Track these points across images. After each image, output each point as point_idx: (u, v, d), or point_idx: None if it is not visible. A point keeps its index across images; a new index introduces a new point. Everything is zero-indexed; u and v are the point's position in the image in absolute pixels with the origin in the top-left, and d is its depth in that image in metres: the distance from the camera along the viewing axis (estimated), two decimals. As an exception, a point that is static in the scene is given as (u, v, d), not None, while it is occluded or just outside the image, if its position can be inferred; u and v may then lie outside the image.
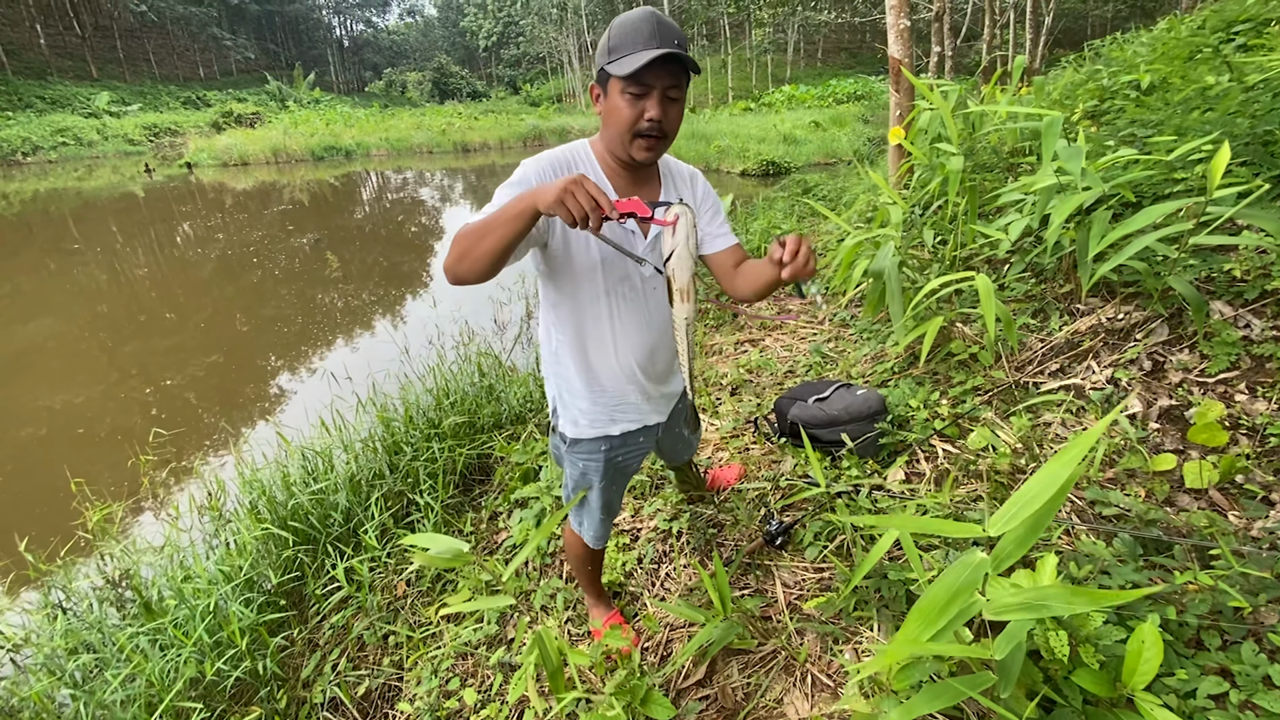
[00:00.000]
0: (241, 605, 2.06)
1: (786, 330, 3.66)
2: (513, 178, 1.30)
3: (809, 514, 2.00)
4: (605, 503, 1.67)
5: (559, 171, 1.32)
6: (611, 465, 1.61)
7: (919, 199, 3.78)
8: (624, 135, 1.27)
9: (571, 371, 1.51)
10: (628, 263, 1.39)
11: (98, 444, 4.29)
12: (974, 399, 2.40)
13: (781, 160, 13.75)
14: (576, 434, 1.56)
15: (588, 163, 1.36)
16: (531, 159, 1.32)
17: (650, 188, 1.42)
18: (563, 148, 1.37)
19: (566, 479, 1.68)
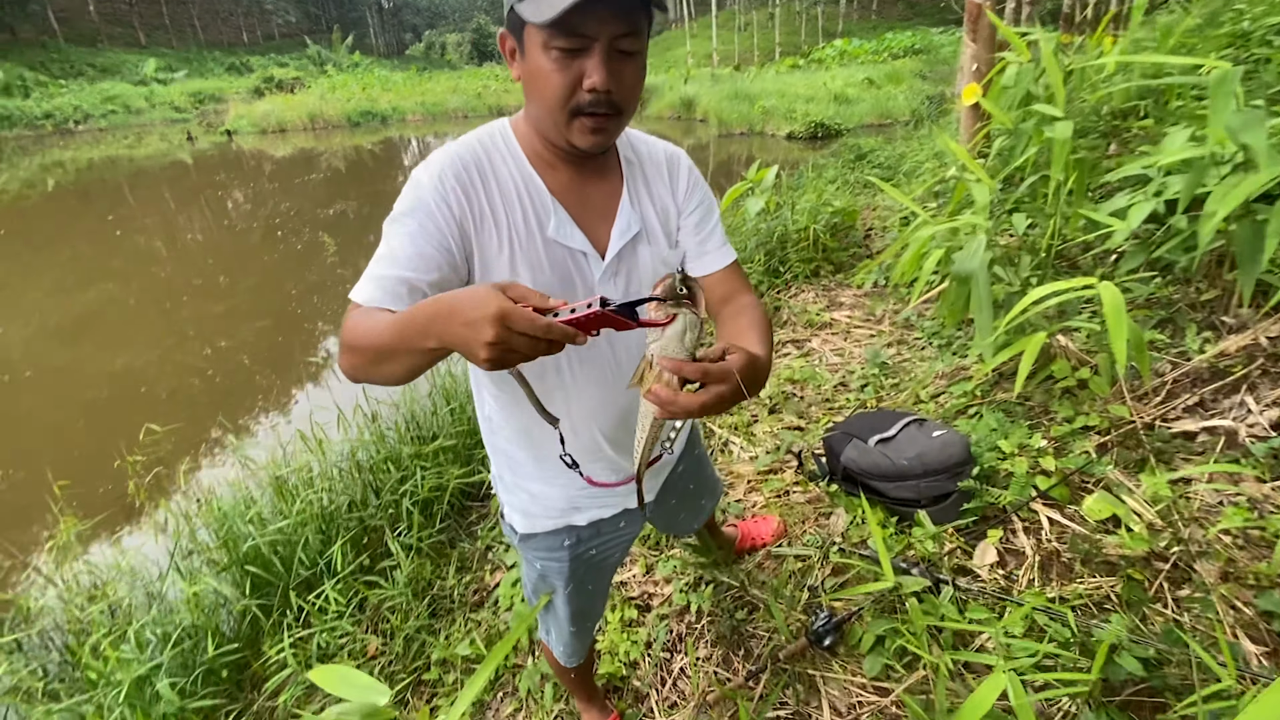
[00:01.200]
0: (178, 677, 1.72)
1: (838, 330, 3.12)
2: (403, 203, 0.87)
3: (869, 607, 1.53)
4: (576, 611, 1.24)
5: (467, 184, 0.88)
6: (581, 563, 1.18)
7: (1003, 174, 3.15)
8: (556, 113, 0.83)
9: (513, 445, 1.07)
10: (587, 293, 0.95)
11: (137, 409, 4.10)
12: (1085, 443, 1.86)
13: (831, 122, 12.79)
14: (529, 528, 1.13)
15: (508, 156, 0.92)
16: (428, 165, 0.88)
17: (605, 183, 0.98)
18: (471, 138, 0.93)
19: (524, 579, 1.25)
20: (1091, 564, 1.50)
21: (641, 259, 0.99)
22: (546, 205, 0.91)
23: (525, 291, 0.63)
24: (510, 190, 0.90)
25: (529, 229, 0.90)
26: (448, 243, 0.85)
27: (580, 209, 0.94)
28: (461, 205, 0.86)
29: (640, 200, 1.00)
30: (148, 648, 1.82)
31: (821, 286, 3.62)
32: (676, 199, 1.04)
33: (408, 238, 0.84)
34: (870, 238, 4.23)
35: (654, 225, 1.01)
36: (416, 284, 0.83)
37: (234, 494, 2.45)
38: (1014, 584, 1.53)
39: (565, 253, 0.92)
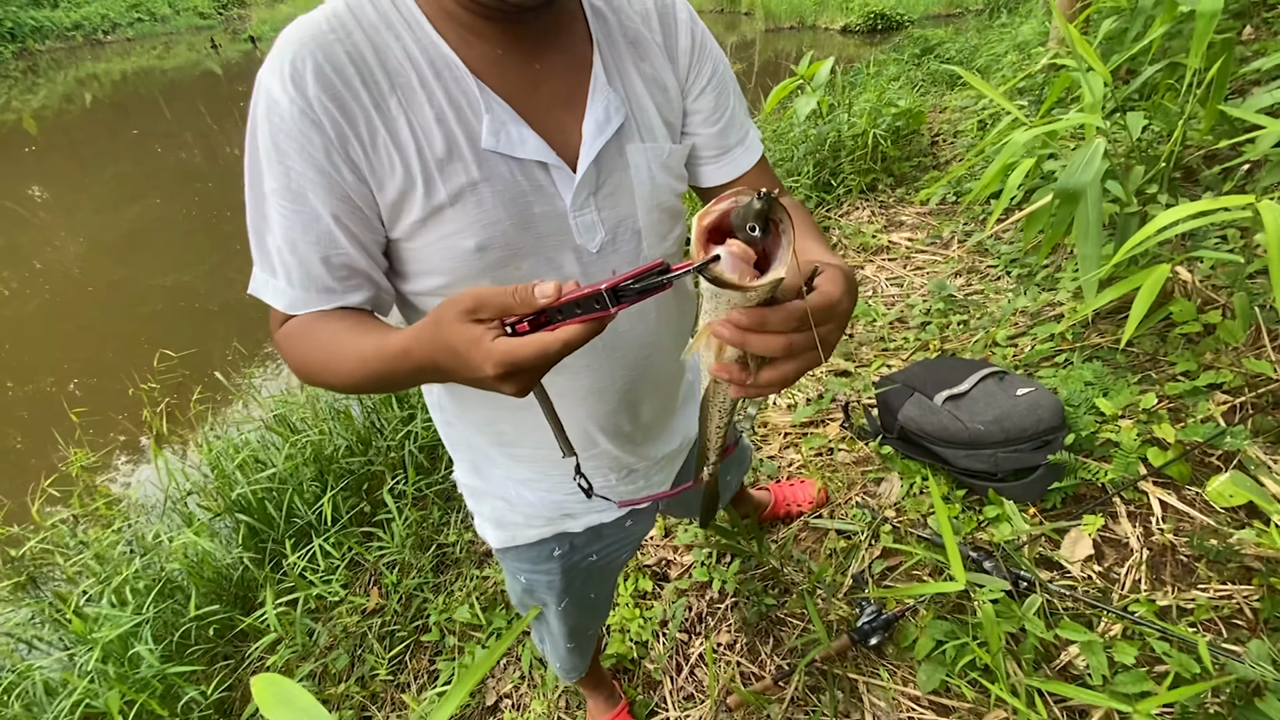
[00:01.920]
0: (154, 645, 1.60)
1: (896, 255, 2.71)
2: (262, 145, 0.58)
3: (928, 604, 1.27)
4: (574, 626, 1.01)
5: (339, 88, 0.56)
6: (578, 573, 0.94)
7: (1114, 63, 2.58)
8: None
9: (478, 436, 0.80)
10: (554, 225, 0.64)
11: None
12: (1210, 405, 1.49)
13: (893, 12, 11.44)
14: (507, 540, 0.88)
15: (398, 23, 0.58)
16: (277, 65, 0.56)
17: (562, 51, 0.64)
18: (334, 7, 0.58)
19: (508, 586, 1.02)
20: (1219, 566, 1.20)
21: (634, 164, 0.66)
22: (473, 96, 0.59)
23: (501, 300, 0.46)
24: (410, 79, 0.58)
25: (448, 139, 0.58)
26: (342, 185, 0.57)
27: (527, 96, 0.61)
28: (338, 124, 0.56)
29: (624, 73, 0.67)
30: (135, 600, 1.71)
31: (879, 203, 3.16)
32: (677, 68, 0.70)
33: (289, 202, 0.57)
34: (938, 145, 3.68)
35: (647, 110, 0.68)
36: (337, 262, 0.59)
37: (236, 431, 2.31)
38: (1115, 585, 1.24)
39: (512, 170, 0.60)
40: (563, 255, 0.65)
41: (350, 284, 0.61)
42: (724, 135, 0.74)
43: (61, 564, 1.89)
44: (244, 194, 0.61)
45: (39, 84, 16.97)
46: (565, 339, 0.45)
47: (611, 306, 0.44)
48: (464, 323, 0.47)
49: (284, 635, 1.62)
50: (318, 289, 0.60)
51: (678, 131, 0.72)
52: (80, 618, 1.65)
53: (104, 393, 3.70)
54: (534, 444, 0.77)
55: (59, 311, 4.92)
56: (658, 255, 0.72)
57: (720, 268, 0.44)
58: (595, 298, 0.44)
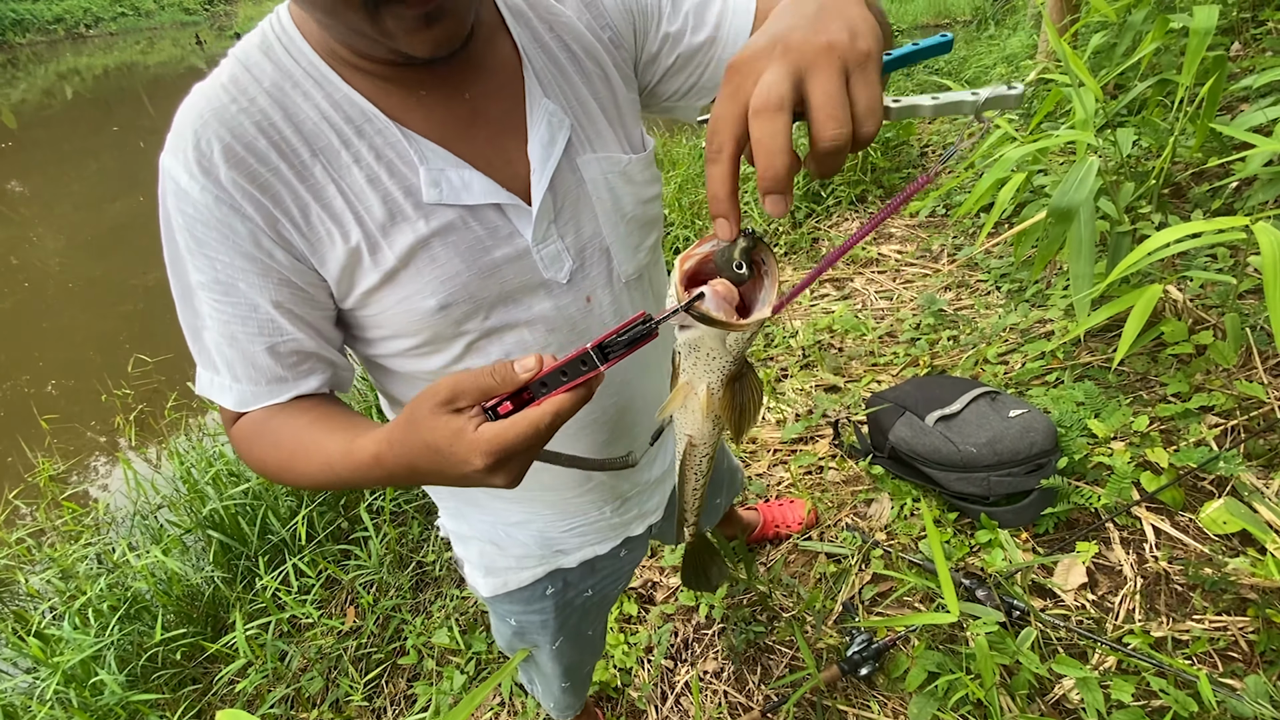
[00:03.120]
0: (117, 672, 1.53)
1: (886, 267, 2.70)
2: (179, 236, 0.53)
3: (919, 633, 1.24)
4: (569, 666, 0.96)
5: (254, 165, 0.50)
6: (573, 611, 0.90)
7: (1103, 79, 2.58)
8: (338, 11, 0.45)
9: (464, 490, 0.76)
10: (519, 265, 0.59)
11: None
12: (1202, 427, 1.48)
13: (883, 22, 11.53)
14: (498, 588, 0.83)
15: (304, 79, 0.52)
16: (179, 148, 0.50)
17: (484, 71, 0.58)
18: (231, 66, 0.52)
19: (495, 630, 0.97)
20: (1215, 596, 1.18)
21: (591, 181, 0.61)
22: (402, 149, 0.53)
23: (478, 382, 0.42)
24: (331, 143, 0.52)
25: (388, 203, 0.53)
26: (276, 267, 0.52)
27: (462, 132, 0.56)
28: (262, 207, 0.50)
29: (560, 75, 0.60)
30: (99, 621, 1.64)
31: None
32: (620, 41, 0.63)
33: (223, 296, 0.52)
34: (926, 157, 3.68)
35: (594, 115, 0.62)
36: (285, 350, 0.54)
37: (211, 443, 2.24)
38: (1109, 615, 1.21)
39: (463, 217, 0.55)
40: (531, 295, 0.60)
41: (302, 369, 0.56)
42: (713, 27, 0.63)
43: (23, 581, 1.82)
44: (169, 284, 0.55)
45: (19, 77, 16.70)
46: (555, 410, 0.41)
47: (600, 365, 0.41)
48: (442, 415, 0.42)
49: (254, 660, 1.56)
50: (267, 380, 0.56)
51: (637, 136, 0.66)
52: (42, 639, 1.58)
53: (77, 395, 3.61)
54: (525, 485, 0.73)
55: (35, 310, 4.80)
56: (631, 269, 0.67)
57: (706, 306, 0.43)
58: (581, 359, 0.41)
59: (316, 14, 0.47)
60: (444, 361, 0.61)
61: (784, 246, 3.08)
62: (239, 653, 1.55)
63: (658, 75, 0.66)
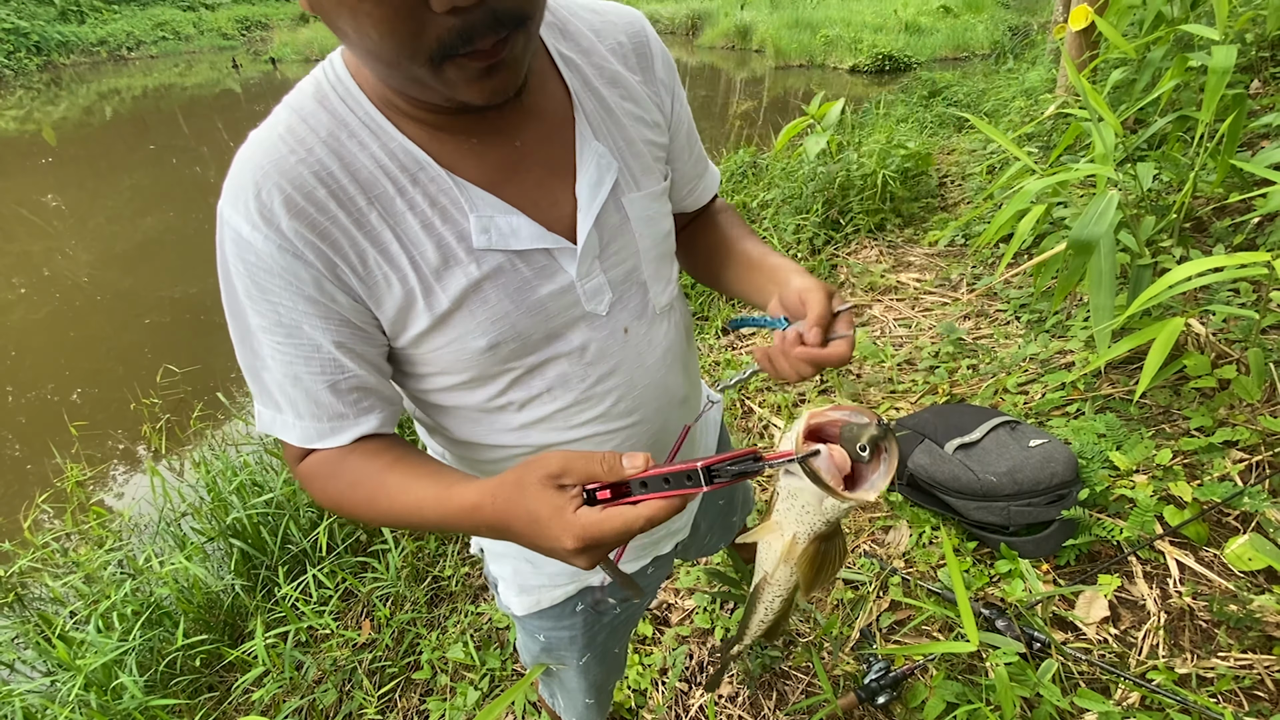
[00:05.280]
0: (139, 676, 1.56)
1: (905, 295, 2.71)
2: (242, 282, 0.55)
3: (938, 662, 1.23)
4: (594, 683, 0.97)
5: (314, 215, 0.52)
6: (601, 629, 0.91)
7: (1123, 114, 2.61)
8: (406, 65, 0.46)
9: None
10: (564, 301, 0.62)
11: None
12: (1226, 462, 1.47)
13: (901, 54, 11.66)
14: (531, 606, 0.84)
15: (360, 128, 0.54)
16: (241, 201, 0.53)
17: (537, 115, 0.60)
18: (288, 116, 0.54)
19: (520, 645, 0.98)
20: (1240, 634, 1.16)
21: (634, 218, 0.64)
22: (454, 197, 0.55)
23: (586, 467, 0.47)
24: (386, 190, 0.54)
25: (442, 249, 0.55)
26: (338, 311, 0.55)
27: (510, 178, 0.58)
28: (323, 252, 0.53)
29: (609, 119, 0.63)
30: (122, 625, 1.67)
31: (887, 243, 3.17)
32: (660, 100, 0.68)
33: (285, 339, 0.55)
34: (945, 187, 3.71)
35: (640, 153, 0.65)
36: (346, 386, 0.58)
37: (234, 453, 2.29)
38: (1132, 650, 1.20)
39: (511, 260, 0.57)
40: (573, 328, 0.63)
41: (362, 406, 0.59)
42: (694, 166, 0.76)
43: (50, 584, 1.85)
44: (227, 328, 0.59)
45: (61, 96, 17.32)
46: (649, 515, 0.45)
47: (704, 485, 0.45)
48: (548, 489, 0.47)
49: (272, 669, 1.58)
50: (329, 417, 0.58)
51: (664, 166, 0.70)
52: (65, 642, 1.61)
53: (105, 404, 3.68)
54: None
55: (67, 319, 4.93)
56: (664, 300, 0.71)
57: (817, 464, 0.47)
58: (687, 474, 0.45)
59: (378, 66, 0.48)
60: (489, 395, 0.64)
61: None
62: (258, 660, 1.57)
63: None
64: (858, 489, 0.48)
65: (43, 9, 23.59)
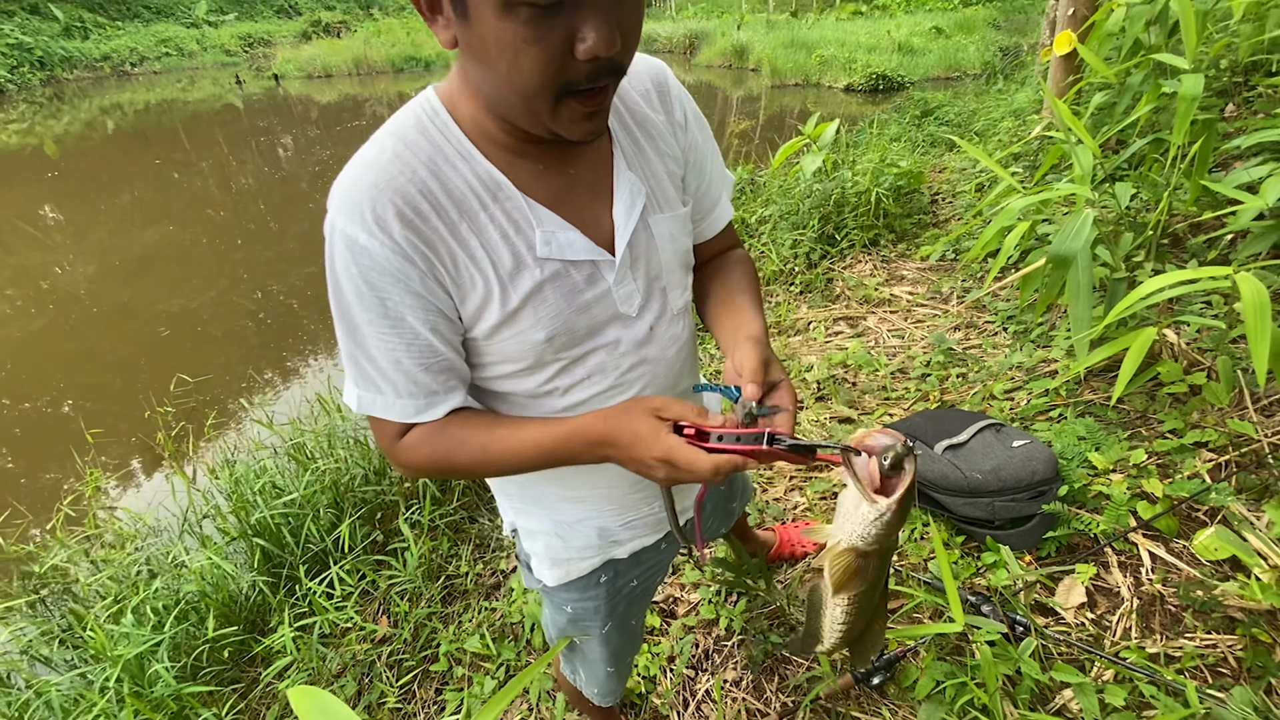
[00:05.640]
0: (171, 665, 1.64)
1: (898, 308, 2.83)
2: (352, 281, 0.64)
3: (927, 644, 1.32)
4: (614, 651, 1.06)
5: (418, 223, 0.63)
6: (621, 599, 1.00)
7: (1104, 135, 2.74)
8: (534, 100, 0.57)
9: (531, 489, 0.88)
10: (602, 304, 0.74)
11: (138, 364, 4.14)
12: (1196, 461, 1.58)
13: (894, 74, 11.92)
14: (562, 578, 0.94)
15: (453, 155, 0.65)
16: (356, 211, 0.62)
17: (592, 162, 0.72)
18: (393, 142, 0.64)
19: (546, 619, 1.07)
20: (1205, 616, 1.26)
21: (658, 235, 0.76)
22: (524, 214, 0.67)
23: (681, 410, 0.63)
24: (473, 206, 0.65)
25: (514, 254, 0.67)
26: (436, 304, 0.67)
27: (564, 199, 0.70)
28: (424, 255, 0.64)
29: (639, 154, 0.75)
30: (152, 620, 1.75)
31: (881, 258, 3.29)
32: (679, 135, 0.79)
33: (388, 326, 0.66)
34: (937, 204, 3.85)
35: (662, 183, 0.77)
36: (439, 368, 0.70)
37: (251, 458, 2.37)
38: (1106, 632, 1.29)
39: (565, 269, 0.69)
40: (609, 325, 0.74)
41: (450, 384, 0.71)
42: (705, 198, 0.86)
43: (82, 580, 1.93)
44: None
45: (63, 110, 17.46)
46: (718, 462, 0.59)
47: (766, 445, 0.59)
48: (650, 417, 0.63)
49: (299, 658, 1.66)
50: (425, 394, 0.69)
51: (682, 192, 0.81)
52: (99, 634, 1.68)
53: (114, 416, 3.76)
54: (593, 484, 0.86)
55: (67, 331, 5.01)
56: (680, 304, 0.82)
57: (857, 462, 0.59)
58: (756, 437, 0.59)
59: (511, 96, 0.58)
60: (539, 381, 0.75)
61: (799, 286, 3.23)
62: (285, 650, 1.64)
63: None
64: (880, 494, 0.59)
65: (47, 25, 23.85)
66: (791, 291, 3.23)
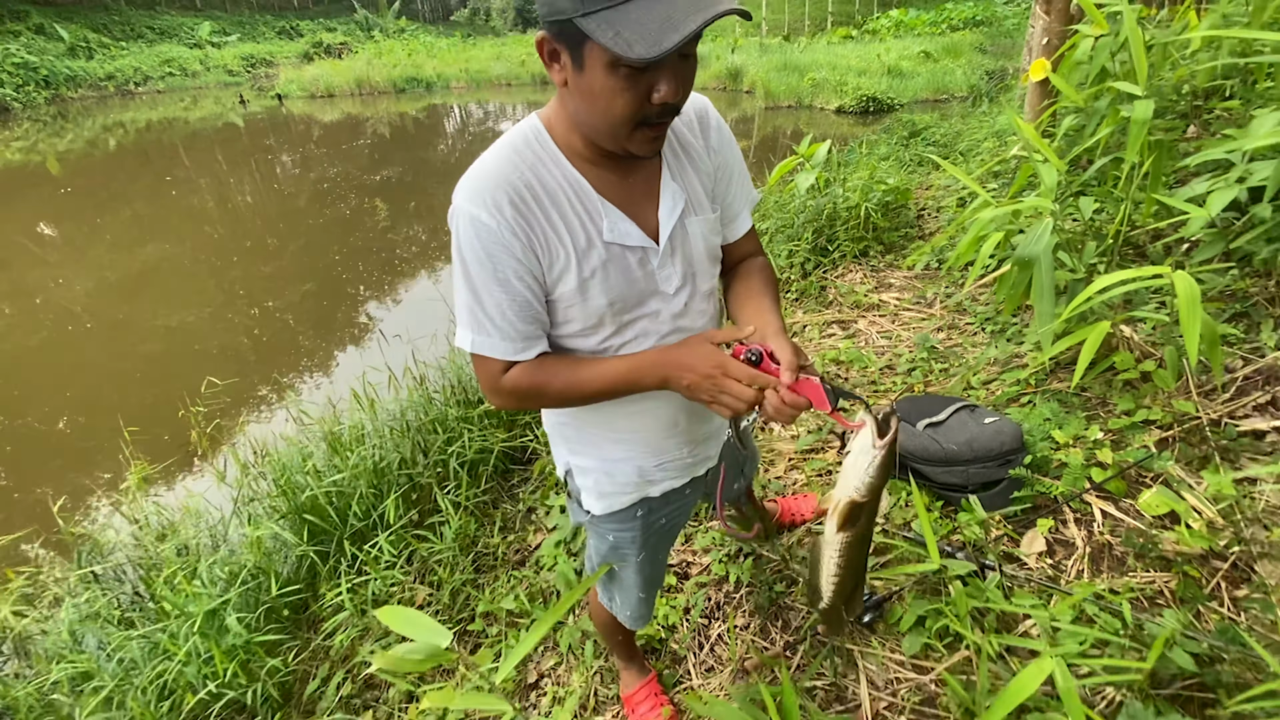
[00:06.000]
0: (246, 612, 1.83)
1: (886, 312, 3.07)
2: (474, 249, 0.87)
3: (910, 588, 1.53)
4: (646, 578, 1.27)
5: (524, 208, 0.86)
6: (652, 532, 1.21)
7: (1072, 154, 3.01)
8: (619, 128, 0.81)
9: (585, 432, 1.10)
10: (649, 281, 0.96)
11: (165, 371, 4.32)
12: (1145, 437, 1.80)
13: (884, 96, 12.33)
14: (606, 508, 1.15)
15: (550, 163, 0.89)
16: (480, 197, 0.85)
17: (644, 164, 0.95)
18: (509, 152, 0.88)
19: (590, 549, 1.28)
20: (1145, 559, 1.47)
21: (691, 233, 0.98)
22: (596, 207, 0.90)
23: (726, 335, 0.90)
24: (561, 200, 0.88)
25: (588, 236, 0.89)
26: (531, 269, 0.89)
27: (625, 199, 0.92)
28: (526, 232, 0.86)
29: (681, 170, 0.98)
30: (216, 585, 1.94)
31: (870, 267, 3.55)
32: (712, 157, 1.01)
33: (498, 285, 0.88)
34: (923, 218, 4.11)
35: (697, 192, 0.99)
36: (535, 316, 0.92)
37: (291, 447, 2.57)
38: (1062, 574, 1.51)
39: (623, 251, 0.92)
40: (653, 298, 0.97)
41: (538, 333, 0.94)
42: (729, 208, 1.07)
43: (150, 547, 2.12)
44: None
45: (67, 128, 17.68)
46: (754, 376, 0.84)
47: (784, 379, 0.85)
48: (705, 343, 0.88)
49: (354, 613, 1.85)
50: (522, 338, 0.92)
51: (714, 201, 1.03)
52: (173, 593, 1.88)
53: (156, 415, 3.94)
54: (633, 429, 1.07)
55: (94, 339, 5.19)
56: (706, 288, 1.04)
57: (863, 415, 0.85)
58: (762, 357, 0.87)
59: (601, 123, 0.81)
60: (599, 339, 0.96)
61: (795, 293, 3.47)
62: (342, 606, 1.84)
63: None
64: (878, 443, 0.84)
65: (52, 45, 24.21)
66: (788, 298, 3.47)
